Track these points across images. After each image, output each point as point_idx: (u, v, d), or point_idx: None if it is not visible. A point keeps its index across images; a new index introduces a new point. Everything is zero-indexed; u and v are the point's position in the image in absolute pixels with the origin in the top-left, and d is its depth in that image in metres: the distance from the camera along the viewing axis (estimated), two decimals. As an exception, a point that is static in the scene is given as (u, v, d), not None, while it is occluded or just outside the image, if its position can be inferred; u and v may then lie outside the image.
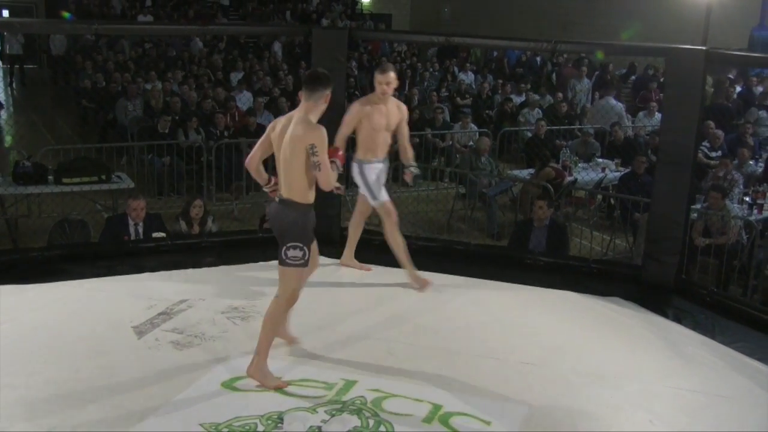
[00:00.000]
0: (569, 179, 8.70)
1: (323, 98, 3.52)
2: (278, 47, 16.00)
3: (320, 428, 3.24)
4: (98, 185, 7.69)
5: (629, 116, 11.66)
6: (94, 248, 5.72)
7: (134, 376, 3.61)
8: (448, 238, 7.24)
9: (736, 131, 9.93)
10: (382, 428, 3.26)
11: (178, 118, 9.95)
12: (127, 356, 3.81)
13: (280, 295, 3.58)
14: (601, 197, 8.81)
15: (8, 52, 16.33)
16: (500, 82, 14.08)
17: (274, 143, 3.58)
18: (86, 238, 6.50)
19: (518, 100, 12.66)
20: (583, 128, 10.71)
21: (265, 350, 3.56)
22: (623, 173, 8.74)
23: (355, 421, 3.30)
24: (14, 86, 16.23)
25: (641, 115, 11.52)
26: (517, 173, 9.36)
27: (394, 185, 7.18)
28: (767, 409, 3.63)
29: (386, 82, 4.58)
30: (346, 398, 3.47)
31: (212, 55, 14.76)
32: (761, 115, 11.04)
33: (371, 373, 3.72)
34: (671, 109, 5.03)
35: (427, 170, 9.09)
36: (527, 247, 6.12)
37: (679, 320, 4.58)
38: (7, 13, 18.32)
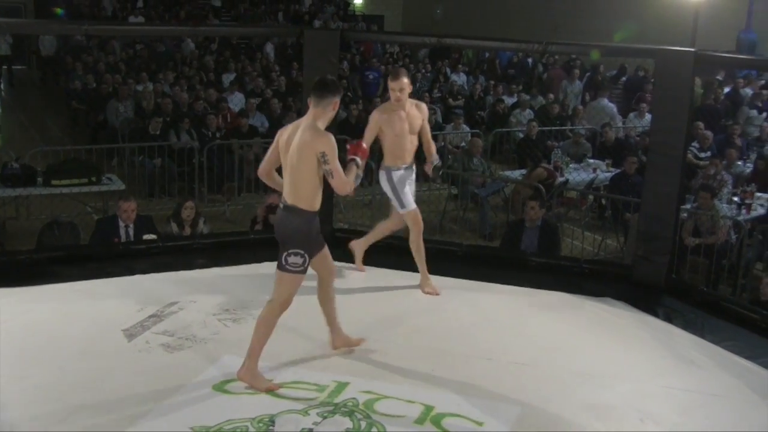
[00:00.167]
0: (561, 180, 8.73)
1: (331, 105, 3.54)
2: (270, 48, 15.97)
3: (312, 430, 3.23)
4: (88, 187, 7.66)
5: (620, 117, 11.70)
6: (83, 250, 5.69)
7: (124, 379, 3.60)
8: (440, 239, 7.23)
9: (724, 132, 9.98)
10: (374, 430, 3.26)
11: (169, 119, 9.92)
12: (117, 359, 3.79)
13: (274, 299, 3.57)
14: (592, 198, 8.84)
15: (-3, 52, 16.26)
16: (492, 83, 14.10)
17: (281, 151, 3.58)
18: (76, 240, 6.47)
19: (510, 101, 12.68)
20: (574, 129, 10.75)
21: (256, 353, 3.55)
22: (614, 174, 8.78)
23: (347, 422, 3.30)
24: (2, 87, 16.14)
25: (632, 115, 11.56)
26: (508, 174, 9.38)
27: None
28: (756, 406, 3.65)
29: (399, 88, 4.52)
30: (338, 400, 3.47)
31: (204, 56, 14.73)
32: (752, 114, 11.11)
33: (363, 374, 3.71)
34: (661, 110, 5.05)
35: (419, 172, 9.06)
36: (519, 247, 6.13)
37: (669, 319, 4.59)
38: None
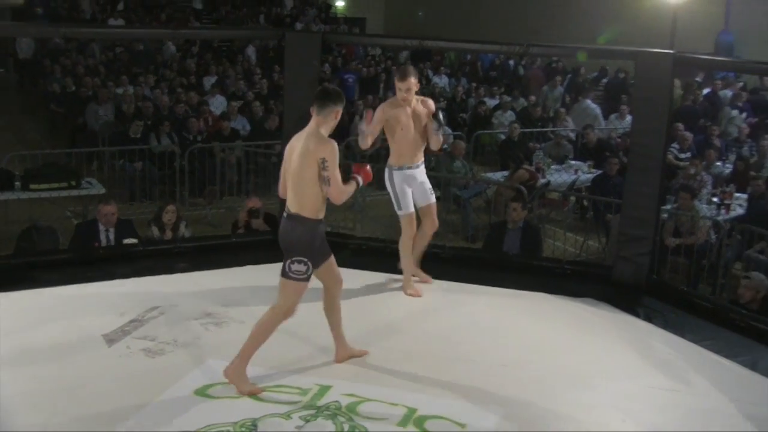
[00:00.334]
0: (542, 181, 8.76)
1: (333, 114, 3.56)
2: (252, 51, 15.91)
3: (294, 434, 3.22)
4: (67, 191, 7.58)
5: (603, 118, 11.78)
6: (63, 255, 5.63)
7: (104, 385, 3.56)
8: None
9: (704, 133, 10.08)
10: (356, 432, 3.25)
11: (150, 122, 9.85)
12: (97, 365, 3.76)
13: (277, 306, 3.58)
14: (574, 199, 8.88)
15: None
16: (474, 85, 14.14)
17: (285, 161, 3.59)
18: (54, 245, 6.40)
19: (492, 103, 12.73)
20: (556, 131, 10.80)
21: (247, 355, 3.54)
22: (595, 175, 8.83)
23: (329, 426, 3.29)
24: None
25: (613, 117, 11.65)
26: (491, 176, 9.40)
27: (368, 188, 7.15)
28: (736, 405, 3.68)
29: (406, 88, 4.48)
30: (320, 403, 3.46)
31: (185, 59, 14.65)
32: (733, 114, 11.22)
33: (346, 377, 3.71)
34: (641, 111, 5.09)
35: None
36: (501, 249, 6.15)
37: (650, 319, 4.63)
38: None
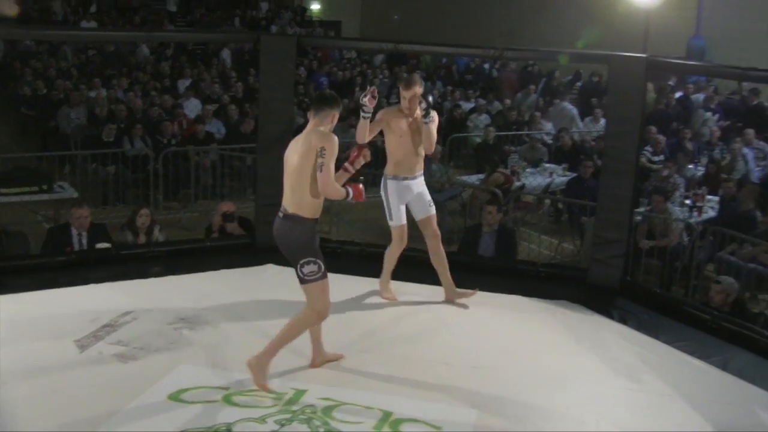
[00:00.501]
0: (518, 184, 8.81)
1: (329, 117, 3.58)
2: (227, 54, 15.83)
3: (269, 439, 3.21)
4: (38, 195, 7.49)
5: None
6: (34, 260, 5.54)
7: (76, 391, 3.52)
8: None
9: (676, 136, 10.21)
10: (332, 436, 3.24)
11: (123, 126, 9.75)
12: (68, 371, 3.70)
13: (309, 308, 3.58)
14: (549, 202, 8.94)
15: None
16: (449, 88, 14.19)
17: (285, 162, 3.58)
18: (25, 250, 6.30)
19: (467, 106, 12.78)
20: (531, 134, 10.87)
21: (274, 350, 3.55)
22: (570, 178, 8.90)
23: (305, 430, 3.27)
24: None
25: (587, 120, 11.75)
26: (466, 179, 9.43)
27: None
28: (709, 405, 3.72)
29: (410, 97, 4.40)
30: (296, 407, 3.44)
31: (159, 62, 14.53)
32: (707, 116, 11.37)
33: (321, 381, 3.69)
34: (614, 114, 5.13)
35: (377, 177, 9.05)
36: (477, 252, 6.17)
37: (624, 321, 4.67)
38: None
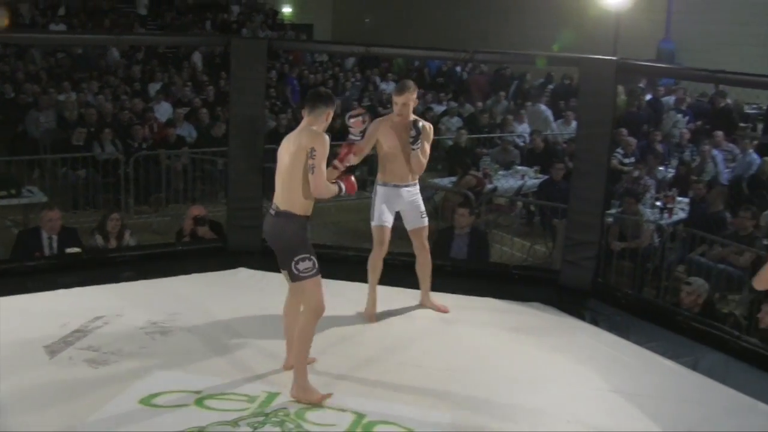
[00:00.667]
0: (490, 187, 8.85)
1: (324, 115, 3.57)
2: (198, 58, 15.71)
3: (243, 443, 3.19)
4: (7, 200, 7.38)
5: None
6: (2, 265, 5.44)
7: (46, 396, 3.47)
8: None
9: (647, 138, 10.34)
10: (306, 440, 3.23)
11: (93, 129, 9.63)
12: (38, 377, 3.65)
13: (306, 309, 3.56)
14: (521, 204, 9.00)
15: None
16: (421, 91, 14.22)
17: (278, 161, 3.56)
18: (-7, 255, 6.20)
19: (439, 109, 12.83)
20: (503, 137, 10.94)
21: (303, 368, 3.52)
22: (542, 180, 8.97)
23: (278, 433, 3.26)
24: None
25: (559, 122, 11.86)
26: (438, 182, 9.45)
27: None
28: (680, 405, 3.77)
29: (402, 103, 4.33)
30: (268, 410, 3.43)
31: (130, 65, 14.38)
32: (677, 117, 11.54)
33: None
34: (585, 117, 5.19)
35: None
36: (449, 254, 6.18)
37: (596, 322, 4.71)
38: None
